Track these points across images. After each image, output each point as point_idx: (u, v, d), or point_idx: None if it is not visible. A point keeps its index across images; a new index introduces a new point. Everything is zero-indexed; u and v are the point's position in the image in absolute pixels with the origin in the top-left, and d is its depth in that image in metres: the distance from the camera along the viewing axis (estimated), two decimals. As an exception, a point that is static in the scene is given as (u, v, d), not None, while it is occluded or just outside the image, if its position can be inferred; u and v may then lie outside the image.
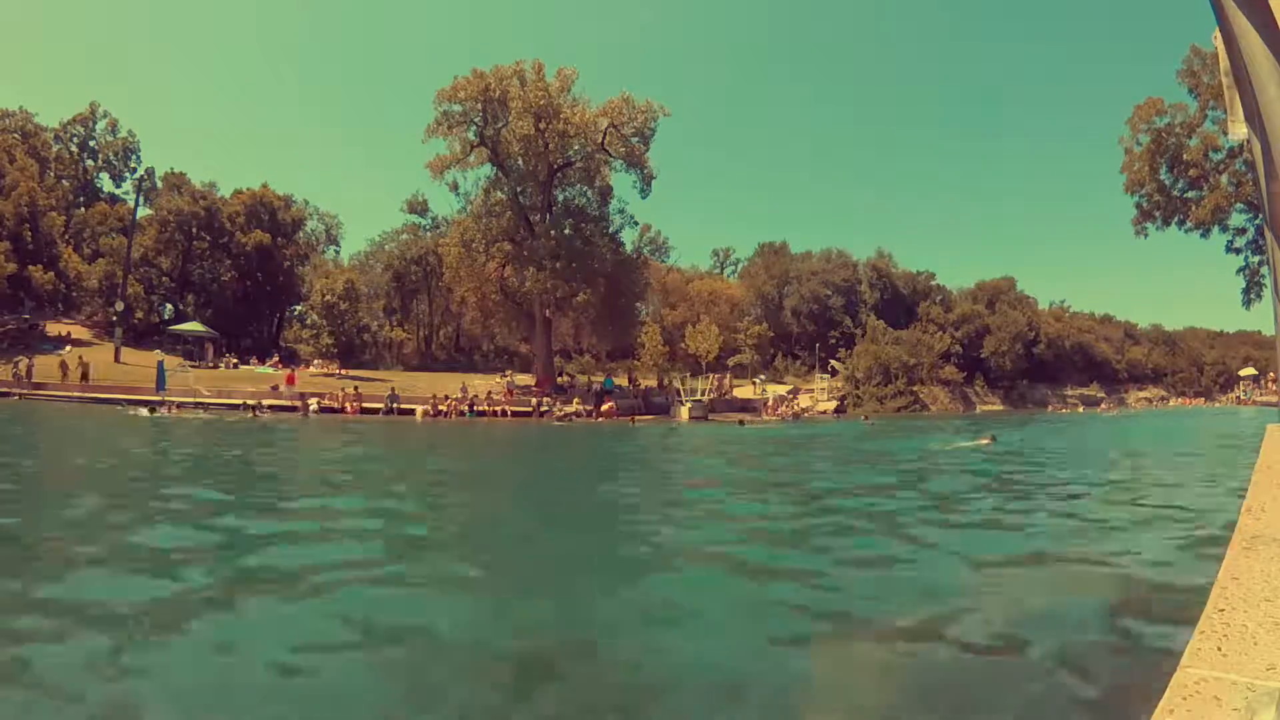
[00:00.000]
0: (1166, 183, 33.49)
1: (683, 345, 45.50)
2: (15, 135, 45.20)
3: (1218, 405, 64.70)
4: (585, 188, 38.03)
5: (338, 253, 57.77)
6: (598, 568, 5.56)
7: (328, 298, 41.07)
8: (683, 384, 36.81)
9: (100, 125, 50.89)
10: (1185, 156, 32.29)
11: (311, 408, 27.46)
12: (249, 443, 15.77)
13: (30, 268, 37.70)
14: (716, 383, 39.81)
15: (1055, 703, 3.08)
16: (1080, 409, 55.01)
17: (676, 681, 3.26)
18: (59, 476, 9.85)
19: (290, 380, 30.34)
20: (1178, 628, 3.38)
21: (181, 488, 8.78)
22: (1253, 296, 33.62)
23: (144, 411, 21.81)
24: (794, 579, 5.02)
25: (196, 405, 25.79)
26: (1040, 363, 65.54)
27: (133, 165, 51.62)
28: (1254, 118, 2.91)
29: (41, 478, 9.81)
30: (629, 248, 41.64)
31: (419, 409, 28.68)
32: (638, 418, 31.33)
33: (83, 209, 48.00)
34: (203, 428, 19.09)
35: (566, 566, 5.59)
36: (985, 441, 17.57)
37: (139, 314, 41.89)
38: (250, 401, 26.36)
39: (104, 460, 11.69)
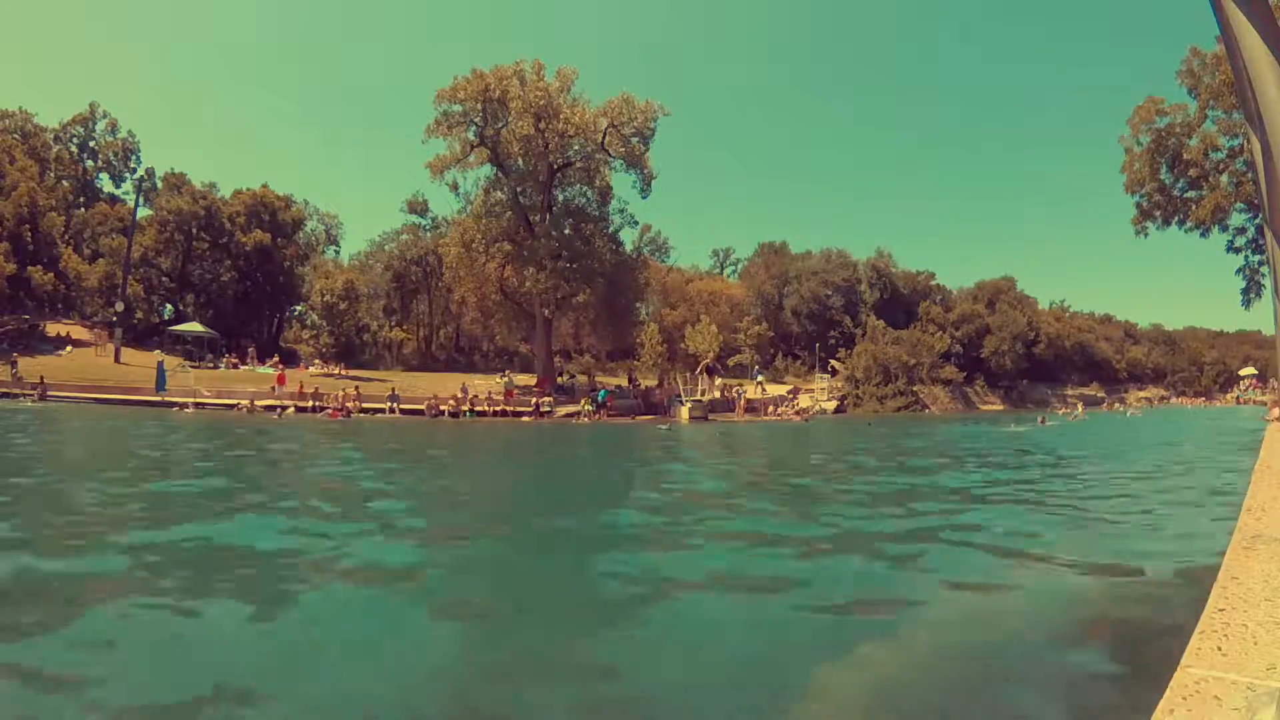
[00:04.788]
0: (1166, 182, 33.43)
1: (682, 345, 45.45)
2: (15, 135, 45.20)
3: (1217, 405, 64.70)
4: (585, 188, 38.01)
5: (338, 253, 57.85)
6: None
7: (328, 298, 41.05)
8: (683, 383, 36.79)
9: (100, 125, 50.89)
10: (1185, 156, 32.22)
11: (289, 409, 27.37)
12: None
13: (30, 268, 37.69)
14: (717, 384, 39.75)
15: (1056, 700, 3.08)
16: (1080, 408, 54.93)
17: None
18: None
19: (280, 380, 30.27)
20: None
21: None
22: (1252, 296, 33.54)
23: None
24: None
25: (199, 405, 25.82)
26: (1040, 363, 65.55)
27: (133, 165, 51.64)
28: (1254, 118, 2.92)
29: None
30: (629, 248, 41.64)
31: (431, 404, 28.65)
32: (638, 417, 31.31)
33: (83, 209, 47.97)
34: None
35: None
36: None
37: (139, 314, 41.90)
38: (241, 403, 26.37)
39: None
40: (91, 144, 51.09)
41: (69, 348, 34.97)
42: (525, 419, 29.77)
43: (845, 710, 3.03)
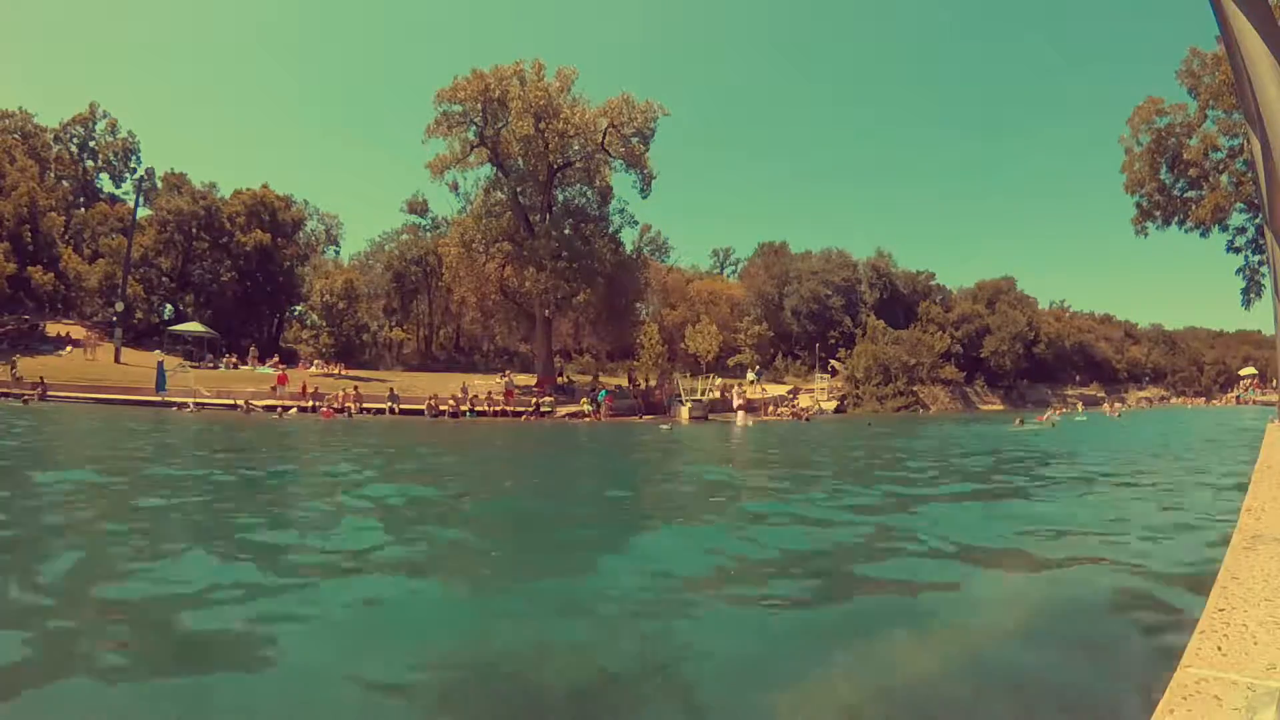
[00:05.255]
0: (1166, 182, 33.48)
1: (682, 345, 45.50)
2: (15, 136, 45.18)
3: (1217, 405, 64.67)
4: (585, 188, 38.05)
5: (338, 253, 57.81)
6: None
7: (327, 298, 41.04)
8: (683, 383, 36.81)
9: (100, 126, 50.84)
10: (1185, 156, 32.26)
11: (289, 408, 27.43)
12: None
13: (30, 268, 37.69)
14: (717, 384, 39.78)
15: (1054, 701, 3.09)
16: (1080, 408, 54.98)
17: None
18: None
19: (281, 380, 30.29)
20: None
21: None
22: (1253, 296, 33.58)
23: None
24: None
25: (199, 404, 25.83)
26: (1040, 362, 65.59)
27: (133, 165, 51.57)
28: (1254, 118, 2.92)
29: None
30: (629, 248, 41.66)
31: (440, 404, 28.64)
32: (641, 417, 31.33)
33: (83, 209, 47.97)
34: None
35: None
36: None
37: (139, 314, 41.85)
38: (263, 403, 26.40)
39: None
40: (91, 144, 51.04)
41: (69, 348, 34.95)
42: (525, 419, 29.79)
43: (841, 711, 3.04)
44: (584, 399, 32.71)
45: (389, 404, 28.99)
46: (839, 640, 3.81)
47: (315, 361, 40.26)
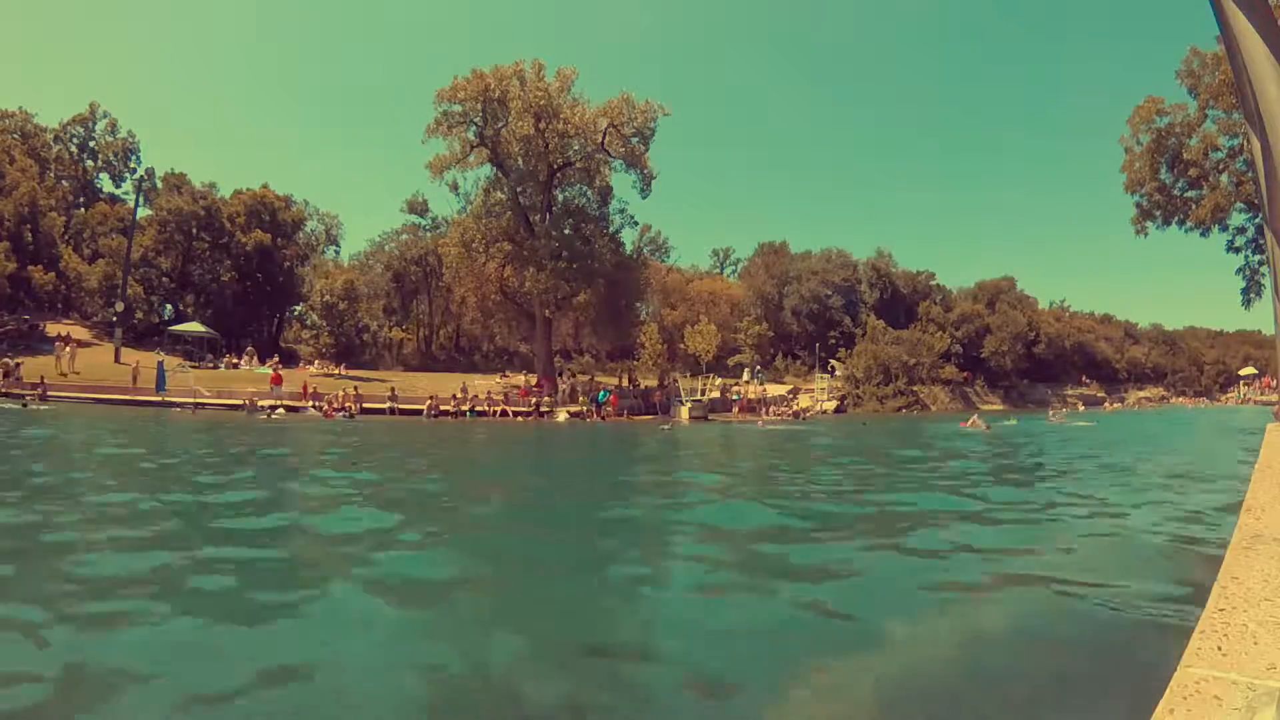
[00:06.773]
0: (1166, 182, 33.52)
1: (682, 345, 45.50)
2: (15, 136, 45.20)
3: (1218, 405, 64.60)
4: (585, 188, 38.07)
5: (338, 253, 57.81)
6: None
7: (328, 298, 41.05)
8: (683, 383, 36.83)
9: (100, 125, 50.83)
10: (1185, 156, 32.29)
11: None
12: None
13: (30, 268, 37.71)
14: (717, 384, 39.80)
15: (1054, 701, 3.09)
16: (1081, 408, 54.99)
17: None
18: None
19: (276, 380, 30.27)
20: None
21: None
22: (1253, 296, 33.63)
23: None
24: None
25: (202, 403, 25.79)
26: (1040, 362, 65.59)
27: (133, 165, 51.57)
28: (1254, 118, 2.92)
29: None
30: (629, 248, 41.67)
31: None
32: (638, 417, 31.33)
33: (83, 209, 47.98)
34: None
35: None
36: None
37: (139, 314, 41.87)
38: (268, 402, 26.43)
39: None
40: (91, 144, 51.03)
41: (68, 347, 34.93)
42: (525, 419, 29.79)
43: (835, 711, 3.04)
44: (581, 398, 32.71)
45: (389, 404, 28.99)
46: (825, 638, 3.81)
47: (315, 361, 40.27)
